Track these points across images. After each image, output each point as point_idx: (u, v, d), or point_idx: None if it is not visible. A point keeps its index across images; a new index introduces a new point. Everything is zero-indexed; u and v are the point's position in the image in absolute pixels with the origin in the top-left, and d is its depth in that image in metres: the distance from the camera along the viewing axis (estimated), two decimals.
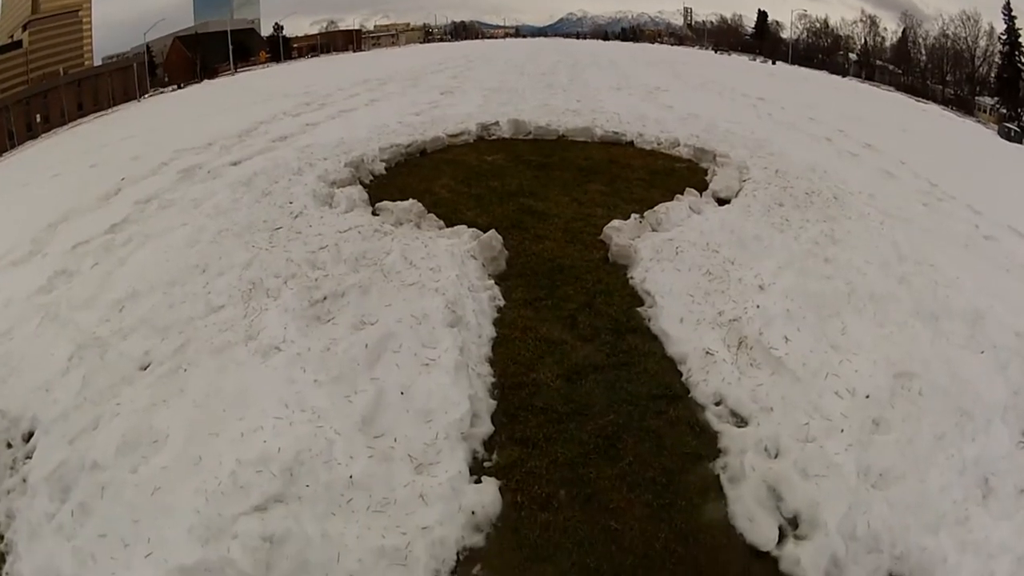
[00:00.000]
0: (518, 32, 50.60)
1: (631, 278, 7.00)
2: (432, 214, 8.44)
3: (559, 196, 9.77)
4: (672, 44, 46.61)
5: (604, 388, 5.19)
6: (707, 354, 5.42)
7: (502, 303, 6.42)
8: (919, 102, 30.83)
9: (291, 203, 8.83)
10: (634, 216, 8.33)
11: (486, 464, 4.39)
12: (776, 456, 4.37)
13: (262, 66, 36.07)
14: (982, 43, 28.99)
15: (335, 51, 41.07)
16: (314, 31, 41.02)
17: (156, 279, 6.66)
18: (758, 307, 5.91)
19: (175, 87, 30.72)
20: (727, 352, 5.46)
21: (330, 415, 4.38)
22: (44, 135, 23.69)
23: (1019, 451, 4.62)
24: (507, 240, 7.55)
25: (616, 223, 8.07)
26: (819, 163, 12.44)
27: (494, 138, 13.89)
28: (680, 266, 6.90)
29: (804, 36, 39.71)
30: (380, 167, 11.30)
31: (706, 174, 11.16)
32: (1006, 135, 24.43)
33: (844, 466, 4.12)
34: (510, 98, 19.61)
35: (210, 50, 33.33)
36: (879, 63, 35.71)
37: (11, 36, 25.09)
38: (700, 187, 10.06)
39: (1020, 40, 26.76)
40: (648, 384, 5.28)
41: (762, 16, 41.04)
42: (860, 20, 36.31)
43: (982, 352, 5.63)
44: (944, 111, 29.50)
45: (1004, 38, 27.41)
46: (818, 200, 9.57)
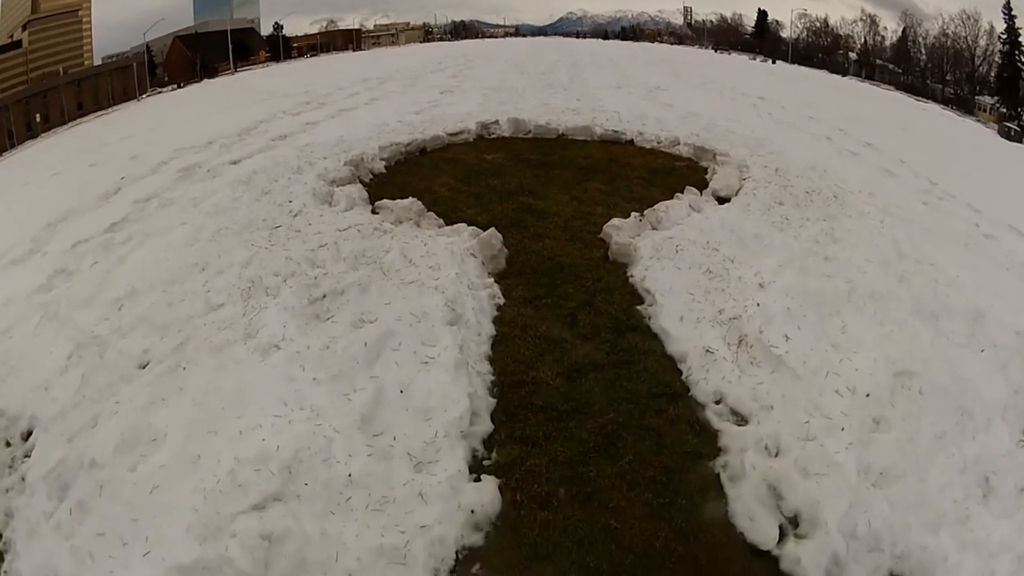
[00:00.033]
0: (518, 31, 50.63)
1: (631, 276, 6.99)
2: (432, 212, 8.42)
3: (559, 195, 9.76)
4: (672, 43, 46.64)
5: (604, 386, 5.17)
6: (707, 352, 5.41)
7: (502, 301, 6.41)
8: (919, 101, 30.83)
9: (291, 202, 8.83)
10: (634, 214, 8.32)
11: (485, 463, 4.38)
12: (776, 455, 4.36)
13: (262, 65, 36.09)
14: (982, 42, 29.00)
15: (335, 50, 41.08)
16: (314, 30, 41.09)
17: (155, 278, 6.65)
18: (758, 305, 5.91)
19: (175, 87, 30.71)
20: (727, 350, 5.45)
21: (329, 413, 4.37)
22: (44, 135, 23.67)
23: (1019, 450, 4.61)
24: (507, 238, 7.53)
25: (616, 221, 8.06)
26: (819, 162, 12.43)
27: (494, 137, 13.87)
28: (680, 264, 6.89)
29: (804, 35, 39.74)
30: (380, 166, 11.29)
31: (706, 173, 11.15)
32: (1006, 134, 24.42)
33: (845, 465, 4.11)
34: (510, 97, 19.59)
35: (210, 49, 33.34)
36: (879, 62, 35.71)
37: (11, 36, 25.08)
38: (700, 186, 10.05)
39: (1020, 39, 26.75)
40: (648, 382, 5.26)
41: (762, 15, 41.07)
42: (860, 19, 36.35)
43: (982, 351, 5.62)
44: (944, 110, 29.49)
45: (1004, 37, 27.41)
46: (818, 199, 9.56)
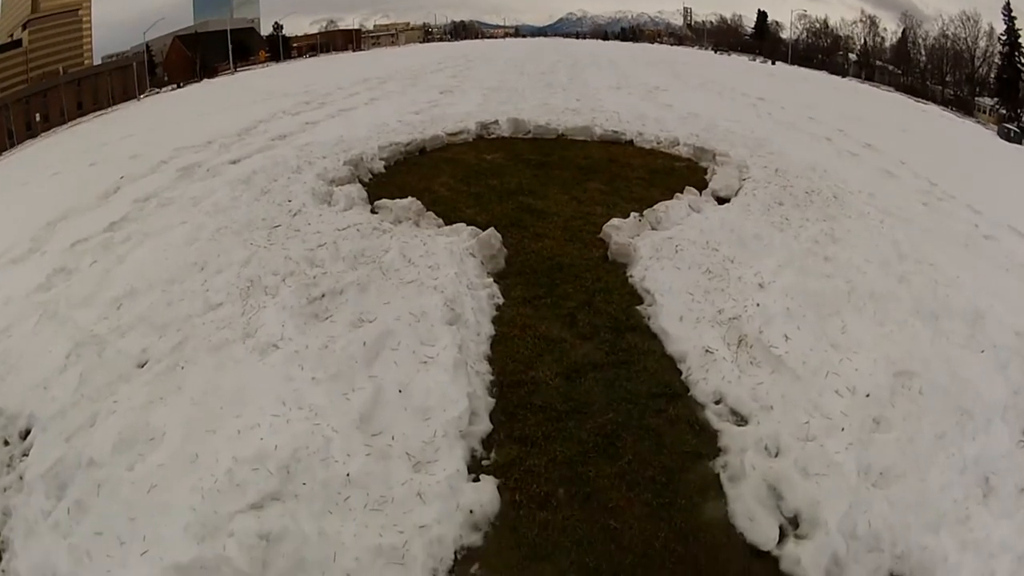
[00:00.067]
0: (518, 32, 50.71)
1: (630, 276, 6.98)
2: (431, 212, 8.41)
3: (558, 195, 9.76)
4: (672, 44, 46.73)
5: (603, 386, 5.16)
6: (707, 352, 5.40)
7: (501, 301, 6.40)
8: (919, 102, 30.87)
9: (290, 201, 8.82)
10: (633, 215, 8.31)
11: (484, 462, 4.36)
12: (776, 455, 4.35)
13: (261, 65, 36.13)
14: (982, 44, 29.05)
15: (335, 50, 41.13)
16: (314, 31, 41.19)
17: (155, 277, 6.64)
18: (758, 305, 5.90)
19: (174, 86, 30.71)
20: (727, 350, 5.44)
21: (328, 413, 4.36)
22: (44, 134, 23.70)
23: (1019, 450, 4.60)
24: (506, 238, 7.52)
25: (615, 221, 8.05)
26: (819, 162, 12.44)
27: (493, 137, 13.87)
28: (680, 264, 6.88)
29: (804, 36, 39.82)
30: (379, 166, 11.28)
31: (706, 173, 11.15)
32: (1006, 136, 24.45)
33: (844, 465, 4.10)
34: (509, 97, 19.60)
35: (210, 49, 33.37)
36: (879, 63, 35.76)
37: (11, 35, 25.10)
38: (700, 186, 10.04)
39: (1020, 41, 26.78)
40: (647, 382, 5.25)
41: (762, 16, 41.15)
42: (860, 20, 36.42)
43: (982, 351, 5.62)
44: (944, 112, 29.54)
45: (1004, 39, 27.46)
46: (818, 199, 9.57)
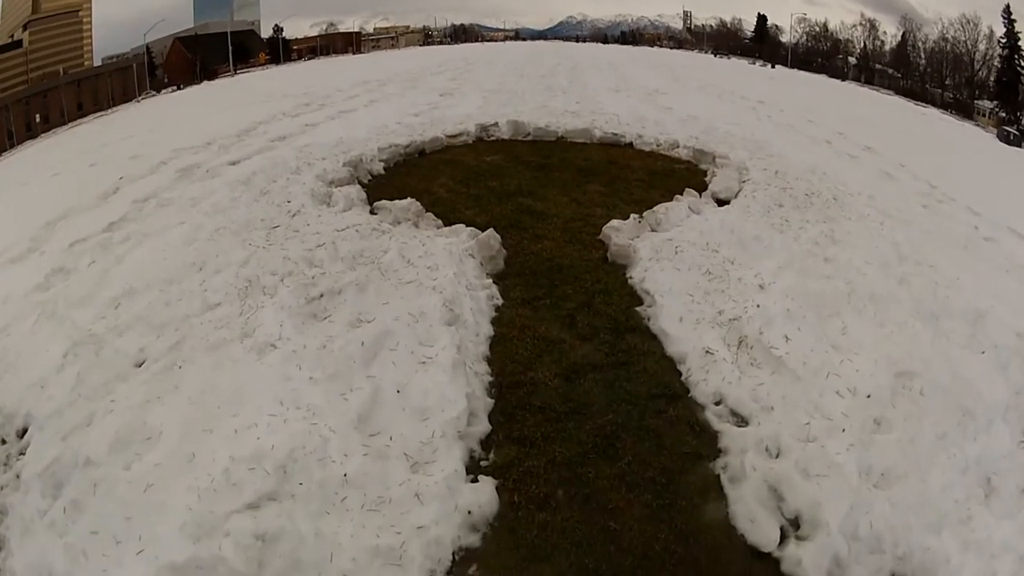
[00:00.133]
0: (518, 35, 50.77)
1: (630, 278, 6.97)
2: (430, 213, 8.40)
3: (558, 196, 9.76)
4: (671, 47, 46.80)
5: (603, 387, 5.14)
6: (707, 353, 5.38)
7: (500, 302, 6.38)
8: (918, 106, 30.92)
9: (289, 202, 8.81)
10: (633, 216, 8.30)
11: (483, 463, 4.34)
12: (777, 456, 4.33)
13: (261, 68, 36.16)
14: (981, 47, 29.13)
15: (334, 53, 41.19)
16: (314, 33, 41.22)
17: (153, 277, 6.62)
18: (758, 306, 5.89)
19: (173, 88, 30.73)
20: (727, 351, 5.43)
21: (325, 413, 4.34)
22: (44, 135, 23.68)
23: (1021, 451, 4.58)
24: (505, 239, 7.51)
25: (615, 223, 8.04)
26: (819, 165, 12.45)
27: (493, 139, 13.86)
28: (680, 266, 6.87)
29: (803, 40, 39.92)
30: (379, 167, 11.29)
31: (705, 175, 11.15)
32: (1005, 138, 24.48)
33: (846, 466, 4.08)
34: (509, 100, 19.61)
35: (210, 51, 33.40)
36: (878, 67, 35.85)
37: (11, 36, 25.11)
38: (699, 188, 10.05)
39: (1020, 44, 26.84)
40: (647, 383, 5.23)
41: (761, 20, 41.24)
42: (859, 24, 36.51)
43: (983, 352, 5.60)
44: (943, 115, 29.58)
45: (1004, 42, 27.53)
46: (818, 201, 9.57)
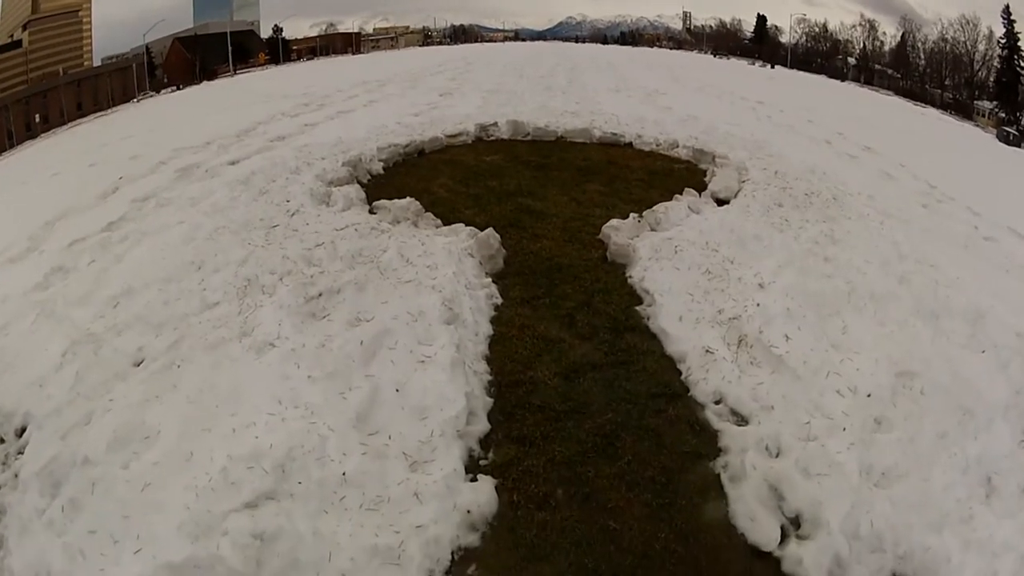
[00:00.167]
0: (517, 36, 50.78)
1: (630, 277, 6.96)
2: (429, 213, 8.40)
3: (557, 196, 9.75)
4: (671, 48, 46.81)
5: (602, 386, 5.13)
6: (707, 352, 5.37)
7: (499, 301, 6.37)
8: (918, 106, 30.92)
9: (288, 201, 8.80)
10: (633, 216, 8.29)
11: (482, 462, 4.32)
12: (777, 455, 4.32)
13: (261, 68, 36.16)
14: (981, 47, 29.15)
15: (334, 53, 41.21)
16: (313, 33, 41.23)
17: (152, 276, 6.61)
18: (758, 305, 5.88)
19: (174, 88, 30.72)
20: (727, 350, 5.42)
21: (324, 411, 4.32)
22: (43, 135, 23.68)
23: (1021, 450, 4.56)
24: (505, 239, 7.51)
25: (615, 222, 8.03)
26: (818, 165, 12.46)
27: (492, 139, 13.86)
28: (679, 265, 6.86)
29: (803, 40, 39.93)
30: (378, 167, 11.28)
31: (705, 175, 11.15)
32: (1005, 139, 24.49)
33: (846, 465, 4.07)
34: (509, 100, 19.62)
35: (209, 51, 33.40)
36: (878, 67, 35.86)
37: (11, 36, 25.11)
38: (699, 187, 10.04)
39: (1019, 44, 26.84)
40: (647, 382, 5.22)
41: (761, 20, 41.25)
42: (859, 24, 36.52)
43: (983, 351, 5.58)
44: (943, 115, 29.58)
45: (1003, 42, 27.53)
46: (817, 201, 9.56)
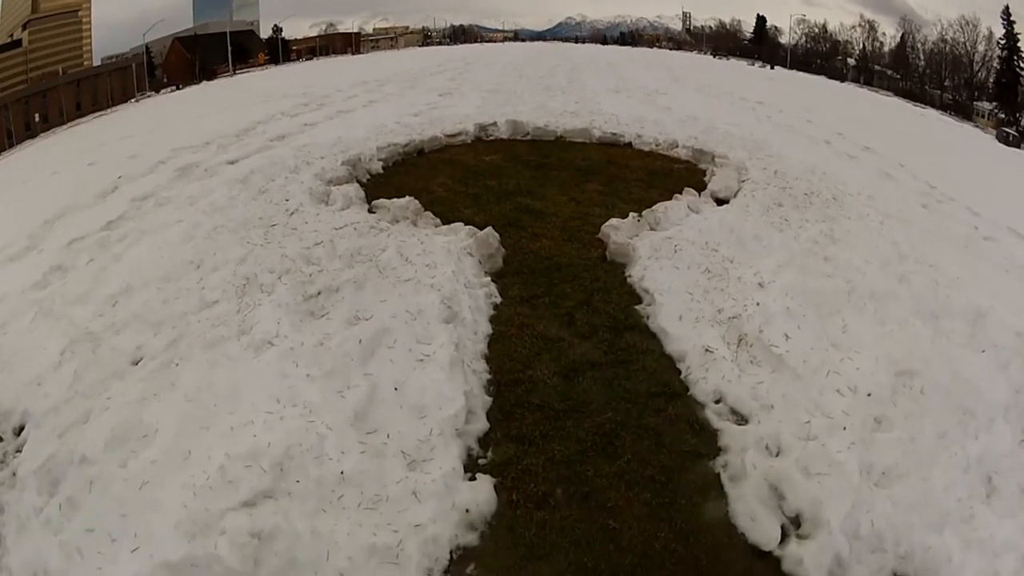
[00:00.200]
0: (517, 36, 50.78)
1: (629, 276, 6.95)
2: (429, 212, 8.39)
3: (557, 195, 9.75)
4: (671, 48, 46.81)
5: (602, 385, 5.11)
6: (706, 351, 5.36)
7: (499, 300, 6.36)
8: (917, 107, 30.92)
9: (287, 200, 8.79)
10: (632, 215, 8.28)
11: (481, 461, 4.31)
12: (777, 454, 4.31)
13: (260, 68, 36.14)
14: (981, 48, 29.15)
15: (334, 53, 41.19)
16: (313, 33, 41.21)
17: (150, 274, 6.61)
18: (758, 305, 5.86)
19: (173, 88, 30.70)
20: (727, 349, 5.40)
21: (322, 410, 4.31)
22: (43, 134, 23.65)
23: (1022, 449, 4.55)
24: (504, 238, 7.50)
25: (614, 222, 8.02)
26: (818, 165, 12.45)
27: (492, 138, 13.86)
28: (679, 264, 6.85)
29: (803, 41, 39.93)
30: (377, 166, 11.28)
31: (704, 175, 11.15)
32: (1004, 139, 24.50)
33: (846, 464, 4.05)
34: (508, 100, 19.62)
35: (209, 51, 33.38)
36: (877, 68, 35.86)
37: (11, 35, 25.08)
38: (699, 187, 10.04)
39: (1019, 45, 26.84)
40: (647, 382, 5.21)
41: (761, 21, 41.26)
42: (859, 25, 36.52)
43: (983, 351, 5.57)
44: (942, 116, 29.58)
45: (1003, 43, 27.52)
46: (817, 200, 9.55)
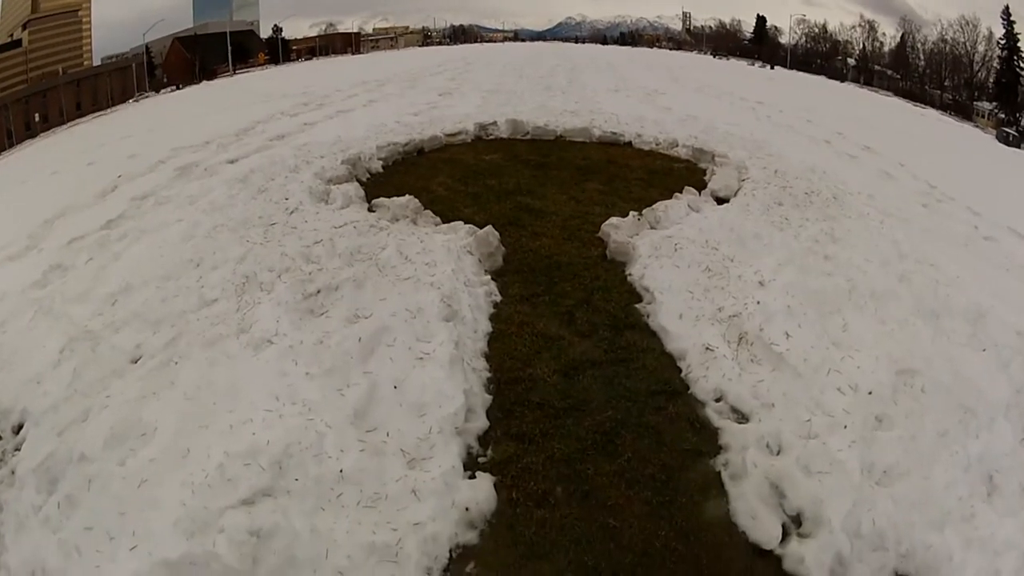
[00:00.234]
0: (517, 36, 50.76)
1: (629, 275, 6.94)
2: (429, 211, 8.38)
3: (557, 195, 9.74)
4: (671, 49, 46.80)
5: (602, 384, 5.10)
6: (707, 350, 5.35)
7: (498, 298, 6.35)
8: (917, 107, 30.91)
9: (287, 199, 8.79)
10: (632, 214, 8.28)
11: (481, 459, 4.30)
12: (778, 453, 4.30)
13: (260, 68, 36.13)
14: (981, 48, 29.13)
15: (334, 53, 41.18)
16: (313, 33, 41.20)
17: (150, 273, 6.60)
18: (758, 303, 5.86)
19: (173, 88, 30.68)
20: (727, 348, 5.39)
21: (321, 408, 4.30)
22: (43, 134, 23.64)
23: (1023, 448, 4.54)
24: (504, 237, 7.49)
25: (614, 220, 8.01)
26: (818, 164, 12.44)
27: (492, 138, 13.86)
28: (679, 263, 6.85)
29: (803, 41, 39.92)
30: (377, 165, 11.27)
31: (704, 174, 11.14)
32: (1004, 139, 24.49)
33: (847, 463, 4.04)
34: (508, 99, 19.62)
35: (209, 51, 33.37)
36: (877, 68, 35.85)
37: (11, 35, 25.07)
38: (699, 186, 10.03)
39: (1019, 45, 26.83)
40: (647, 380, 5.20)
41: (761, 21, 41.24)
42: (859, 25, 36.50)
43: (984, 350, 5.56)
44: (942, 116, 29.56)
45: (1003, 43, 27.50)
46: (817, 200, 9.55)
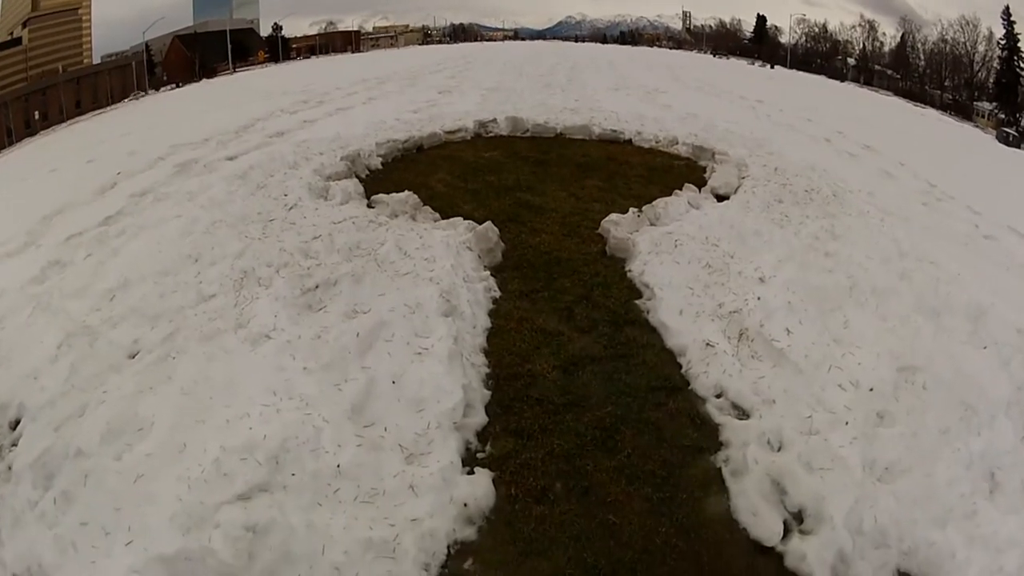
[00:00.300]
0: (517, 35, 50.67)
1: (629, 271, 6.93)
2: (428, 207, 8.37)
3: (556, 191, 9.73)
4: (671, 48, 46.75)
5: (602, 380, 5.08)
6: (707, 346, 5.34)
7: (498, 294, 6.34)
8: (917, 107, 30.87)
9: (286, 195, 8.76)
10: (632, 210, 8.25)
11: (479, 455, 4.27)
12: (779, 449, 4.28)
13: (260, 66, 36.07)
14: (981, 48, 29.06)
15: (334, 52, 41.10)
16: (313, 32, 41.11)
17: (148, 269, 6.57)
18: (759, 299, 5.84)
19: (173, 86, 30.64)
20: (728, 344, 5.38)
21: (319, 403, 4.27)
22: (42, 132, 23.59)
23: None
24: (504, 233, 7.48)
25: (614, 217, 7.99)
26: (818, 162, 12.42)
27: (492, 135, 13.84)
28: (679, 259, 6.84)
29: (803, 41, 39.84)
30: (376, 162, 11.25)
31: (704, 171, 11.14)
32: (1004, 139, 24.47)
33: (849, 459, 4.02)
34: (508, 97, 19.58)
35: (209, 49, 33.31)
36: (877, 68, 35.81)
37: (11, 33, 25.03)
38: (699, 184, 10.01)
39: (1019, 45, 26.80)
40: (647, 376, 5.18)
41: (761, 20, 41.17)
42: (859, 25, 36.45)
43: (985, 348, 5.53)
44: (942, 116, 29.52)
45: (1003, 43, 27.44)
46: (817, 197, 9.53)
